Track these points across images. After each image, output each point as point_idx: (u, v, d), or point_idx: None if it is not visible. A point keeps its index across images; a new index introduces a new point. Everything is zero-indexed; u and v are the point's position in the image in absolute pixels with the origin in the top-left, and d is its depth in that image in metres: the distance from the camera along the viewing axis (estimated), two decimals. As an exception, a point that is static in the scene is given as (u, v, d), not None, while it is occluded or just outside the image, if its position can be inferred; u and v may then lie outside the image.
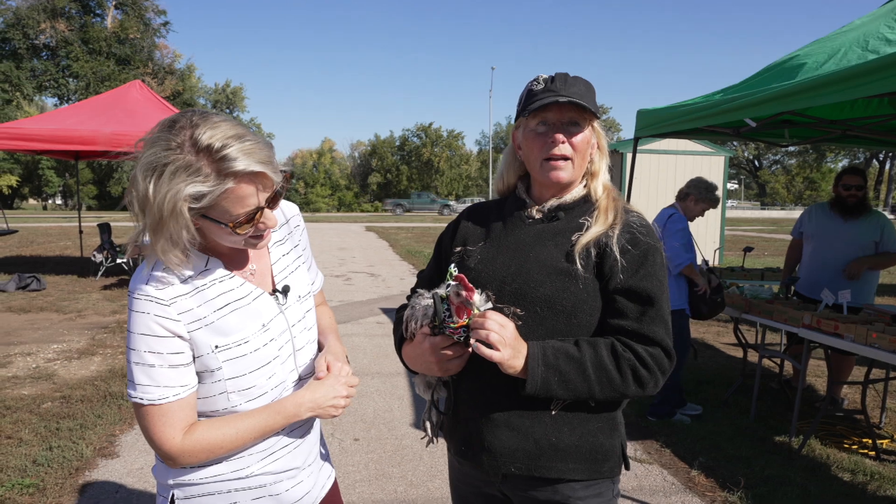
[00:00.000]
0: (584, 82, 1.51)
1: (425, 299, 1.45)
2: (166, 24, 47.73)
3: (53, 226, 26.07)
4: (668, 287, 1.49)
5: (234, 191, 1.18)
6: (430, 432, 1.64)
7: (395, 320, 1.62)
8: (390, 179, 60.46)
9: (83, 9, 44.39)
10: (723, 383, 5.40)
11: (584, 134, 1.49)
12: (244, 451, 1.34)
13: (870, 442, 4.14)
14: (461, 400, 1.54)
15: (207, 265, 1.31)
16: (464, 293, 1.32)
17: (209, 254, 1.32)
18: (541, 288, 1.43)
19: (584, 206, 1.53)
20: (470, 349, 1.35)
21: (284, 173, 1.27)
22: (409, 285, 2.54)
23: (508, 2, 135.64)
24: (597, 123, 1.53)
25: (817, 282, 4.65)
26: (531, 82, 1.52)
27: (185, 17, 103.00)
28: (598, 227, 1.47)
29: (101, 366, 5.67)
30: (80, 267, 11.70)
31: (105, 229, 11.29)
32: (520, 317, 1.42)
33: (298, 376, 1.43)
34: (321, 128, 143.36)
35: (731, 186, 73.06)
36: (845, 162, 53.47)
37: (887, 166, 57.29)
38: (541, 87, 1.48)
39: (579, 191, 1.55)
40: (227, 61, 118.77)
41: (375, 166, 61.78)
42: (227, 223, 1.21)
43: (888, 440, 4.29)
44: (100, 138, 8.91)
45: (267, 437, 1.34)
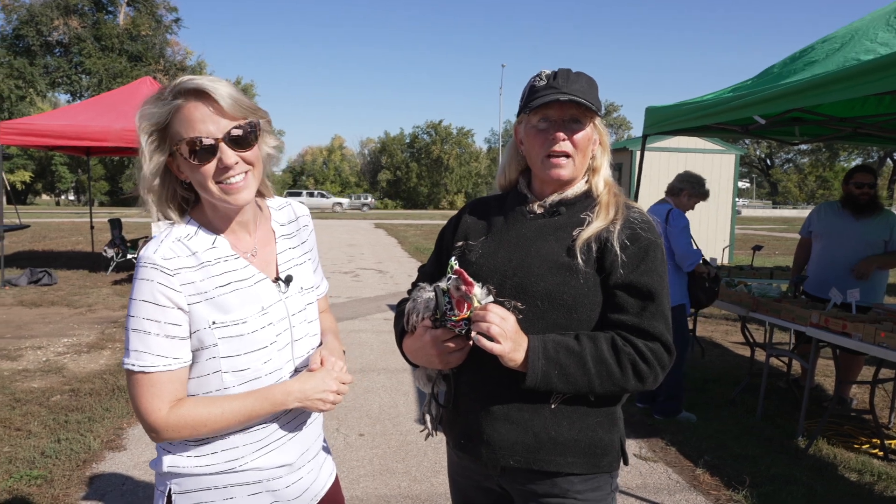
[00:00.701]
0: (587, 78, 1.50)
1: (427, 292, 1.45)
2: (178, 20, 47.91)
3: (65, 221, 26.28)
4: (668, 282, 1.49)
5: (182, 110, 1.24)
6: (429, 425, 1.64)
7: (397, 314, 1.63)
8: (400, 177, 60.45)
9: (96, 6, 44.63)
10: (730, 382, 5.37)
11: (586, 131, 1.49)
12: (238, 441, 1.34)
13: (878, 442, 4.11)
14: (461, 393, 1.55)
15: (214, 244, 1.34)
16: (463, 287, 1.32)
17: (216, 233, 1.36)
18: (542, 282, 1.44)
19: (586, 202, 1.53)
20: (471, 342, 1.36)
21: (256, 120, 1.31)
22: (413, 281, 2.54)
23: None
24: (598, 120, 1.53)
25: (826, 280, 4.61)
26: (534, 77, 1.52)
27: (197, 14, 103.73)
28: (599, 222, 1.47)
29: (110, 360, 5.73)
30: (92, 262, 11.80)
31: (116, 225, 11.39)
32: (520, 311, 1.42)
33: (295, 367, 1.43)
34: (331, 125, 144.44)
35: (743, 185, 72.43)
36: (859, 160, 52.83)
37: (901, 165, 56.60)
38: (543, 83, 1.48)
39: (581, 186, 1.55)
40: (237, 58, 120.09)
41: (385, 163, 61.76)
42: (184, 153, 1.25)
43: (897, 441, 4.25)
44: (110, 134, 9.03)
45: (252, 423, 1.34)
